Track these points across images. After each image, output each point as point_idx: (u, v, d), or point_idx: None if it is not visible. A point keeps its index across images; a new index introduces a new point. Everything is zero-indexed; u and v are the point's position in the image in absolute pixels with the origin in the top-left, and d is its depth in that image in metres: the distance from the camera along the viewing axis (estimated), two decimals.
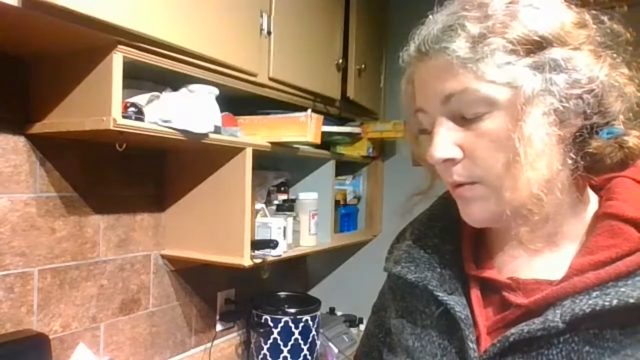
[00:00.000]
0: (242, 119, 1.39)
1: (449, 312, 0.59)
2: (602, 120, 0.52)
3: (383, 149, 2.13)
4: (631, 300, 0.48)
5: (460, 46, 0.51)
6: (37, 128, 1.09)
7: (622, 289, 0.49)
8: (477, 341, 0.57)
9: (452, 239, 0.65)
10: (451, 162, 0.55)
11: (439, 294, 0.60)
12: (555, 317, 0.51)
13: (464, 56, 0.51)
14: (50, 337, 1.13)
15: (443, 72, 0.53)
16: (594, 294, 0.50)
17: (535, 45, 0.50)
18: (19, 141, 1.12)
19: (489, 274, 0.59)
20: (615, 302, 0.48)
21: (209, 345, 1.63)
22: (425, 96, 0.57)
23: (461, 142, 0.55)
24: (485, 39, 0.51)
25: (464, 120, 0.54)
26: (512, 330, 0.53)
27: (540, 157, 0.50)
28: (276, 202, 1.61)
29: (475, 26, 0.51)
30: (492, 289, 0.59)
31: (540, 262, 0.57)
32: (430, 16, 0.57)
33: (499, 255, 0.61)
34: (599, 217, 0.56)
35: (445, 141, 0.55)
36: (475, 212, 0.57)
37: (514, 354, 0.54)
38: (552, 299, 0.53)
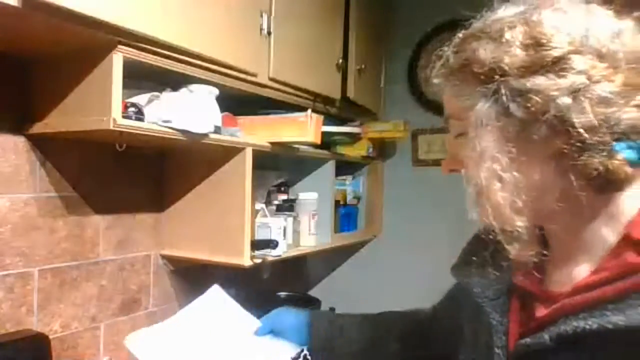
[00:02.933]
0: (242, 119, 1.39)
1: (486, 316, 0.63)
2: (594, 136, 0.50)
3: (383, 149, 2.13)
4: (609, 326, 0.48)
5: (439, 75, 0.61)
6: (37, 128, 1.09)
7: (607, 314, 0.49)
8: (507, 347, 0.60)
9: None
10: (456, 172, 0.63)
11: (478, 299, 0.64)
12: (545, 335, 0.54)
13: (444, 85, 0.61)
14: (50, 337, 1.13)
15: (444, 97, 0.63)
16: (582, 315, 0.52)
17: (490, 77, 0.54)
18: (19, 141, 1.12)
19: (525, 284, 0.62)
20: (595, 326, 0.49)
21: None
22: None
23: (460, 157, 0.61)
24: (457, 71, 0.58)
25: (460, 137, 0.61)
26: (520, 341, 0.58)
27: (492, 176, 0.55)
28: (276, 202, 1.61)
29: (451, 57, 0.60)
30: (532, 299, 0.62)
31: (572, 275, 0.58)
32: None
33: (551, 268, 0.62)
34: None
35: (449, 156, 0.65)
36: (475, 217, 0.61)
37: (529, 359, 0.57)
38: (554, 316, 0.55)
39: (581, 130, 0.50)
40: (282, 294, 1.80)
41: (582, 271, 0.56)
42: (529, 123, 0.52)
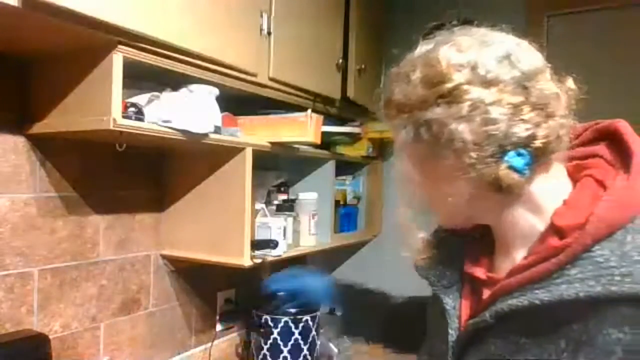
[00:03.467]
0: (242, 119, 1.39)
1: (441, 302, 0.71)
2: (493, 148, 0.59)
3: (383, 149, 2.13)
4: (537, 302, 0.56)
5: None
6: (37, 128, 1.09)
7: (536, 292, 0.57)
8: (459, 329, 0.68)
9: (461, 239, 0.75)
10: None
11: (433, 288, 0.73)
12: (487, 314, 0.62)
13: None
14: (50, 337, 1.13)
15: None
16: (515, 294, 0.60)
17: (403, 109, 0.64)
18: (19, 141, 1.12)
19: (474, 271, 0.70)
20: (526, 302, 0.57)
21: (209, 345, 1.63)
22: None
23: None
24: (384, 107, 0.68)
25: None
26: (468, 322, 0.66)
27: (434, 195, 0.68)
28: (276, 202, 1.61)
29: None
30: (480, 284, 0.69)
31: (512, 262, 0.66)
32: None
33: (496, 257, 0.71)
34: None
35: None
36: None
37: (475, 341, 0.65)
38: (495, 297, 0.63)
39: (470, 147, 0.59)
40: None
41: (519, 257, 0.65)
42: (434, 145, 0.62)
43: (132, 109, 1.03)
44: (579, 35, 1.73)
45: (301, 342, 1.57)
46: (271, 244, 1.37)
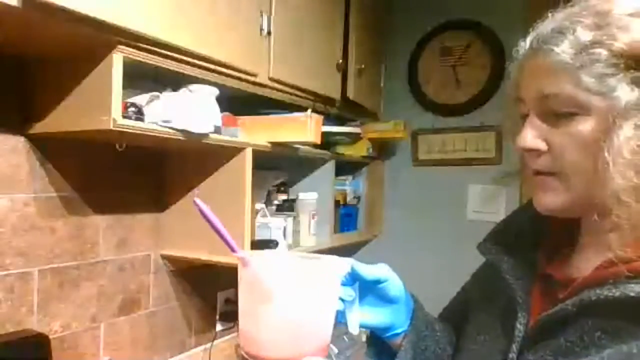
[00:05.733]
0: (242, 119, 1.39)
1: (512, 294, 0.65)
2: None
3: (383, 149, 2.13)
4: (632, 294, 0.51)
5: (565, 50, 0.54)
6: (37, 128, 1.09)
7: (632, 285, 0.52)
8: (527, 324, 0.62)
9: (537, 230, 0.69)
10: (535, 152, 0.59)
11: (506, 276, 0.66)
12: (568, 303, 0.56)
13: (566, 61, 0.54)
14: (50, 337, 1.13)
15: (545, 72, 0.57)
16: (607, 286, 0.54)
17: (638, 61, 0.52)
18: (19, 141, 1.12)
19: (549, 269, 0.64)
20: (617, 294, 0.52)
21: (208, 345, 1.63)
22: (527, 89, 0.60)
23: (548, 137, 0.58)
24: (590, 48, 0.53)
25: (555, 117, 0.57)
26: (542, 314, 0.60)
27: (628, 166, 0.52)
28: (276, 202, 1.61)
29: (585, 33, 0.54)
30: (554, 284, 0.64)
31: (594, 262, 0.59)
32: (550, 14, 0.60)
33: (575, 255, 0.64)
34: None
35: (533, 133, 0.59)
36: (545, 201, 0.61)
37: (546, 335, 0.59)
38: (579, 289, 0.57)
39: None
40: None
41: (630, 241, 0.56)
42: None
43: (132, 109, 1.03)
44: None
45: None
46: (271, 244, 1.37)
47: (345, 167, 2.01)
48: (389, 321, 0.70)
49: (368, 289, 0.68)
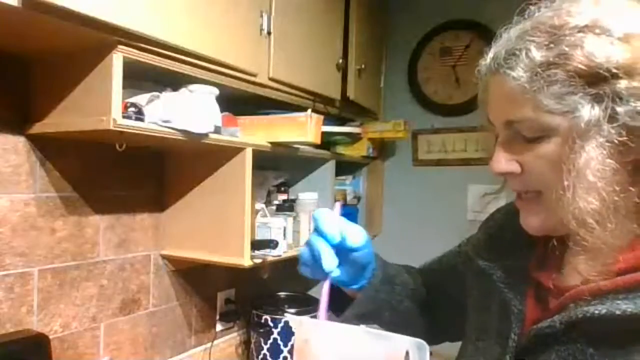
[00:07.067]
0: (242, 119, 1.39)
1: (506, 302, 0.64)
2: None
3: (383, 149, 2.14)
4: (617, 312, 0.50)
5: (520, 75, 0.53)
6: (37, 128, 1.09)
7: (618, 302, 0.50)
8: (521, 334, 0.61)
9: (529, 237, 0.67)
10: (510, 175, 0.59)
11: (500, 284, 0.65)
12: (556, 320, 0.55)
13: (523, 86, 0.53)
14: (50, 337, 1.13)
15: (505, 98, 0.56)
16: (593, 302, 0.52)
17: (596, 78, 0.50)
18: (19, 141, 1.12)
19: (540, 277, 0.63)
20: (604, 312, 0.51)
21: (209, 345, 1.63)
22: (493, 115, 0.61)
23: (520, 159, 0.58)
24: (546, 69, 0.52)
25: (524, 139, 0.56)
26: (533, 327, 0.58)
27: (591, 189, 0.51)
28: (276, 202, 1.61)
29: (539, 53, 0.52)
30: (545, 291, 0.63)
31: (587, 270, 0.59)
32: (504, 32, 0.59)
33: (566, 264, 0.63)
34: None
35: (506, 157, 0.59)
36: (528, 222, 0.61)
37: (539, 347, 0.58)
38: (567, 302, 0.56)
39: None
40: (282, 294, 1.80)
41: (597, 265, 0.56)
42: (634, 130, 0.50)
43: (132, 109, 1.03)
44: None
45: None
46: (271, 244, 1.37)
47: (345, 167, 2.01)
48: (352, 278, 0.76)
49: (341, 250, 0.72)
